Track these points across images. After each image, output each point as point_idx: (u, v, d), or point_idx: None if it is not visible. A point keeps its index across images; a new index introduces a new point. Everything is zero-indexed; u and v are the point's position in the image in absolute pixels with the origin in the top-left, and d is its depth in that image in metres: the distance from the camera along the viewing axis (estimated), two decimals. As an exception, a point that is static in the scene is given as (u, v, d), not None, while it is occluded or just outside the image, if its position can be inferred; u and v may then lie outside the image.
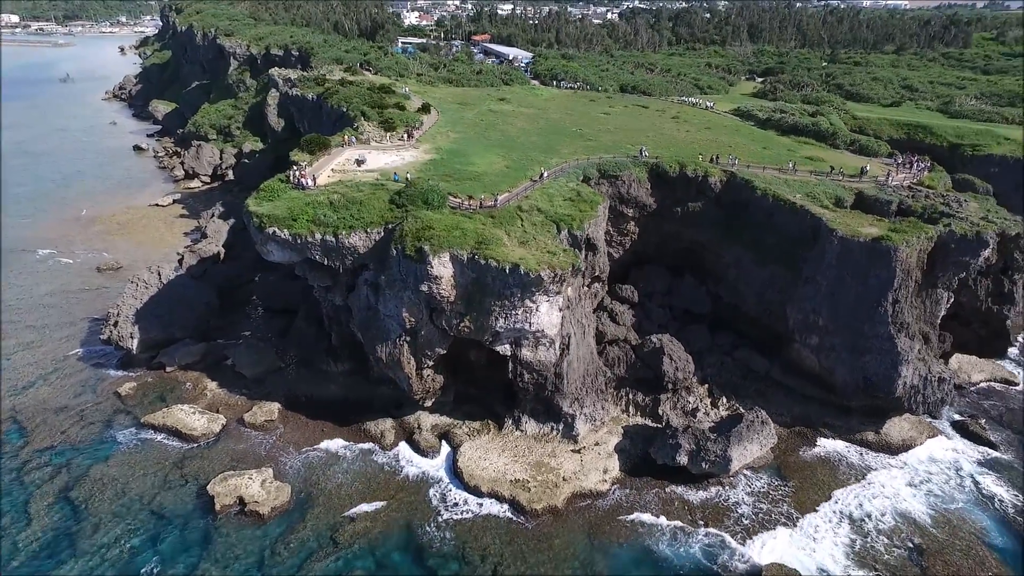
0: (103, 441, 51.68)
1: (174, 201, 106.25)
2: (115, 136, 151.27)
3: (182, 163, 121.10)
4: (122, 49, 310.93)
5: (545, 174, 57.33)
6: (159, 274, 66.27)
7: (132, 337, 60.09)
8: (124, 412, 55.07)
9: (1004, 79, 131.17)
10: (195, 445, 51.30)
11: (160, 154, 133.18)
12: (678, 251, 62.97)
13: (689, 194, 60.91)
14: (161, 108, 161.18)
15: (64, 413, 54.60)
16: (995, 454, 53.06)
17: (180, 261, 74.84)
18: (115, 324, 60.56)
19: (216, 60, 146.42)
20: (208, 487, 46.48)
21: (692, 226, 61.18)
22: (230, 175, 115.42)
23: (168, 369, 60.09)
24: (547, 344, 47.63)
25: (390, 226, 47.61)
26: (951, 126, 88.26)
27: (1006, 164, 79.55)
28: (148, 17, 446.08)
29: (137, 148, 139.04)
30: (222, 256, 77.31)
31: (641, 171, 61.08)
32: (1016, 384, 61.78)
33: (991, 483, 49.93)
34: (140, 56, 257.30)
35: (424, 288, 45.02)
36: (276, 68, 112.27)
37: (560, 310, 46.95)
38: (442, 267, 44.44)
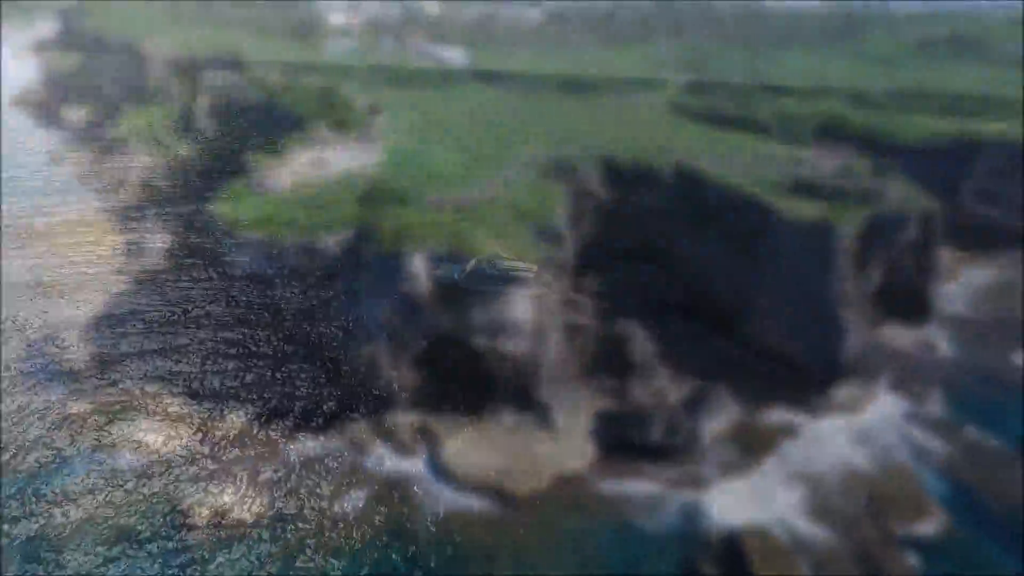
0: (58, 466, 48.81)
1: (103, 212, 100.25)
2: (25, 146, 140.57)
3: (107, 173, 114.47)
4: (13, 51, 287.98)
5: (508, 170, 58.56)
6: (104, 288, 63.08)
7: (80, 354, 56.99)
8: (78, 433, 52.16)
9: (903, 72, 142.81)
10: (160, 462, 49.30)
11: (81, 164, 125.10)
12: (636, 240, 65.57)
13: (644, 185, 63.68)
14: (75, 116, 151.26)
15: (10, 439, 51.16)
16: (926, 412, 58.50)
17: (122, 273, 71.23)
18: (60, 342, 57.27)
19: (136, 64, 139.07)
20: (182, 504, 44.99)
21: (648, 216, 63.94)
22: (162, 183, 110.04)
23: (122, 386, 57.29)
24: (523, 336, 48.88)
25: (364, 226, 47.56)
26: (865, 116, 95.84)
27: (917, 151, 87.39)
28: (41, 18, 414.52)
29: (53, 159, 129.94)
30: (170, 266, 74.02)
31: (597, 165, 63.31)
32: (938, 350, 68.10)
33: (924, 438, 55.11)
34: (40, 60, 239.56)
35: (403, 286, 45.30)
36: (208, 71, 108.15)
37: (534, 302, 48.30)
38: (420, 264, 44.87)
